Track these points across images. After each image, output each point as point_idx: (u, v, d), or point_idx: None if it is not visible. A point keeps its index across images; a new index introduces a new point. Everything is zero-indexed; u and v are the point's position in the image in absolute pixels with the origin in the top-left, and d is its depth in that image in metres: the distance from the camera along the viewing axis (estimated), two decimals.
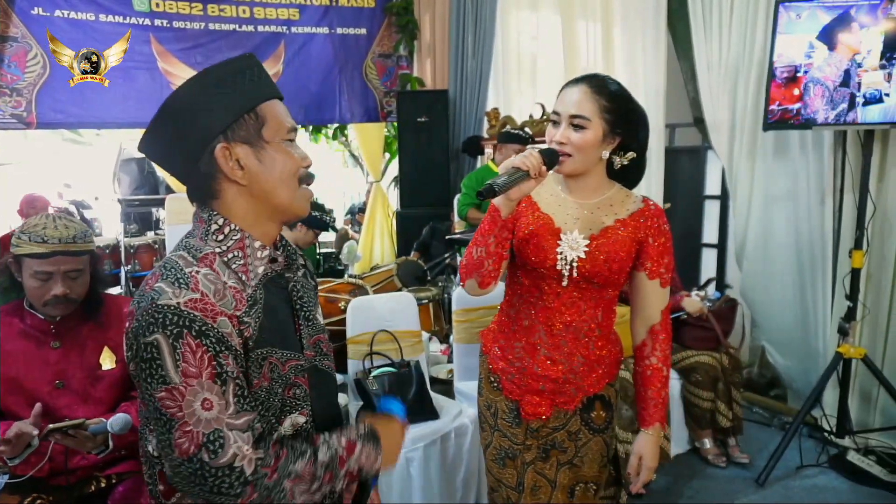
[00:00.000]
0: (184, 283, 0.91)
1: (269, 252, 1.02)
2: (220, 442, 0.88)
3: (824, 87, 2.75)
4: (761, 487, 2.75)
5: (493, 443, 1.54)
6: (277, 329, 1.01)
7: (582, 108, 1.34)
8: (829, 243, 3.19)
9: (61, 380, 1.65)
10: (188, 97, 0.96)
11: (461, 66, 4.93)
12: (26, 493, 1.63)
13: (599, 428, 1.51)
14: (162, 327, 0.88)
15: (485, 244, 1.35)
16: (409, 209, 4.91)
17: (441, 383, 2.96)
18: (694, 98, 3.84)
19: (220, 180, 0.98)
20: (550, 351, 1.45)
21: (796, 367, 3.45)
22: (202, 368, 0.88)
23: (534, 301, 1.46)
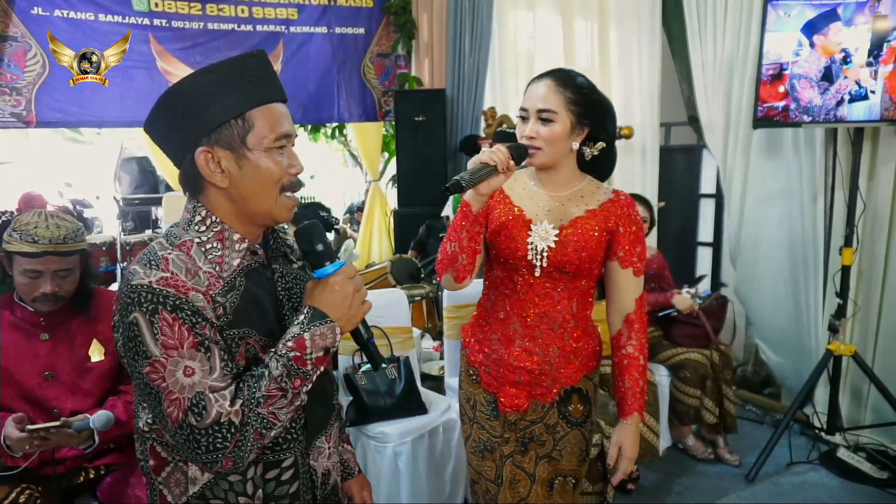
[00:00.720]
0: (154, 264, 0.95)
1: (247, 245, 1.03)
2: (203, 404, 0.91)
3: (811, 84, 2.76)
4: (751, 484, 2.76)
5: (472, 435, 1.56)
6: (258, 316, 1.02)
7: (548, 102, 1.38)
8: (820, 241, 3.20)
9: (51, 371, 1.68)
10: (187, 91, 0.98)
11: (459, 65, 4.95)
12: (15, 484, 1.65)
13: (577, 421, 1.51)
14: (138, 306, 0.91)
15: (458, 239, 1.37)
16: (407, 208, 4.93)
17: (433, 379, 2.98)
18: (688, 97, 3.85)
19: (202, 179, 1.01)
20: (525, 342, 1.47)
21: (789, 365, 3.47)
22: (182, 340, 0.91)
23: (508, 293, 1.48)
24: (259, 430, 0.94)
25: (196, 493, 1.01)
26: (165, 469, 1.03)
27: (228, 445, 0.92)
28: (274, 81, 1.04)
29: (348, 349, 2.46)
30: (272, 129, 0.99)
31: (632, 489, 2.67)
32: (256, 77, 1.00)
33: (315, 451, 1.11)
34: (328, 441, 1.15)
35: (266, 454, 1.03)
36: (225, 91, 0.97)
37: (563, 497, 1.53)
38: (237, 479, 1.02)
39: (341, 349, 2.48)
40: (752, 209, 3.57)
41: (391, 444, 2.21)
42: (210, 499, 1.02)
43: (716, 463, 2.93)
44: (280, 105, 1.03)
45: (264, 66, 1.02)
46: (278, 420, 0.95)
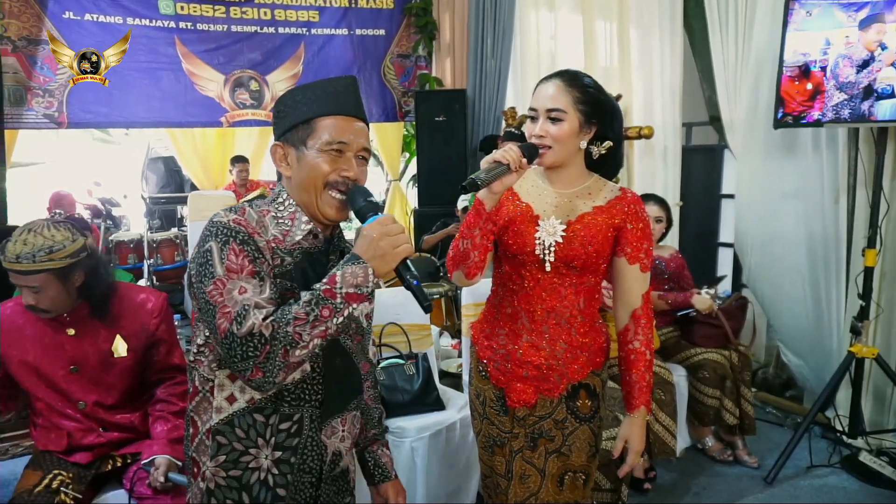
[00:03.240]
0: (234, 210, 1.14)
1: (312, 227, 1.18)
2: (244, 314, 1.03)
3: (837, 84, 2.73)
4: (769, 486, 2.74)
5: (482, 430, 1.58)
6: (303, 285, 1.13)
7: (557, 102, 1.41)
8: (842, 242, 3.16)
9: (76, 365, 1.73)
10: (283, 100, 1.21)
11: (480, 65, 4.97)
12: (48, 469, 1.72)
13: (585, 417, 1.53)
14: (214, 237, 1.08)
15: (470, 236, 1.39)
16: (427, 207, 4.97)
17: (451, 377, 3.00)
18: (710, 97, 3.83)
19: None
20: (533, 337, 1.48)
21: (810, 367, 3.43)
22: (243, 267, 1.07)
23: (516, 288, 1.50)
24: (286, 346, 1.02)
25: (224, 420, 1.15)
26: (196, 398, 1.18)
27: (259, 355, 1.01)
28: (347, 99, 1.19)
29: None
30: (328, 135, 1.15)
31: (648, 489, 2.67)
32: (331, 93, 1.18)
33: (328, 429, 1.22)
34: (343, 424, 1.26)
35: (283, 406, 1.15)
36: (303, 103, 1.17)
37: (574, 493, 1.54)
38: (261, 420, 1.15)
39: None
40: (773, 209, 3.53)
41: (408, 440, 2.24)
42: (236, 427, 1.15)
43: (734, 464, 2.91)
44: (350, 119, 1.17)
45: (344, 85, 1.20)
46: (303, 340, 1.03)
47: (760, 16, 3.41)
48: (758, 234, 3.63)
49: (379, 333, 2.51)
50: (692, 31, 3.88)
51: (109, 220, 5.44)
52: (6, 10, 4.03)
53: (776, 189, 3.50)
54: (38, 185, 6.33)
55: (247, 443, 1.15)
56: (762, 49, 3.40)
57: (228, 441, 1.15)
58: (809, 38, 2.76)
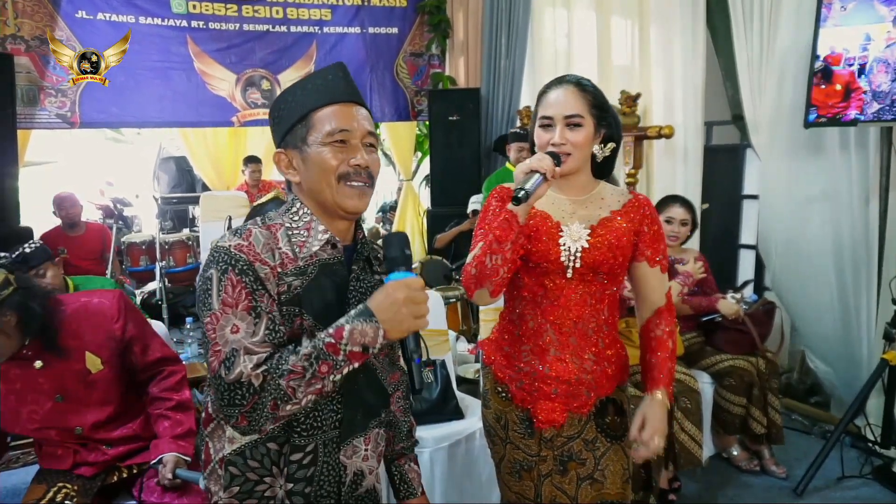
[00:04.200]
0: (239, 233, 1.07)
1: (329, 236, 1.11)
2: (234, 359, 0.98)
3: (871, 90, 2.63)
4: (799, 497, 2.65)
5: (506, 456, 1.49)
6: (320, 305, 1.09)
7: (575, 108, 1.38)
8: (874, 245, 3.06)
9: (59, 393, 1.64)
10: (275, 106, 1.15)
11: (494, 64, 4.91)
12: (53, 482, 1.68)
13: (616, 434, 1.46)
14: (215, 264, 1.03)
15: (501, 251, 1.31)
16: (440, 207, 4.91)
17: (468, 383, 2.93)
18: (733, 95, 3.73)
19: None
20: (560, 350, 1.42)
21: (838, 374, 3.32)
22: (239, 300, 1.01)
23: (538, 301, 1.43)
24: (276, 399, 0.97)
25: (236, 451, 1.10)
26: (210, 424, 1.15)
27: (245, 405, 0.97)
28: (342, 85, 1.12)
29: None
30: (328, 125, 1.09)
31: (673, 500, 2.59)
32: (324, 84, 1.11)
33: (349, 448, 1.14)
34: (366, 444, 1.18)
35: (294, 437, 1.09)
36: (296, 101, 1.11)
37: None
38: (275, 449, 1.09)
39: None
40: (798, 210, 3.43)
41: (428, 449, 2.17)
42: (248, 458, 1.10)
43: (761, 475, 2.82)
44: (348, 105, 1.11)
45: (334, 72, 1.13)
46: (296, 397, 0.98)
47: (787, 12, 3.31)
48: (782, 235, 3.53)
49: None
50: (715, 29, 3.78)
51: (121, 221, 5.42)
52: (19, 9, 4.01)
53: (802, 190, 3.40)
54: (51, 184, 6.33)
55: (261, 472, 1.10)
56: (788, 46, 3.30)
57: (241, 472, 1.10)
58: (846, 33, 2.66)
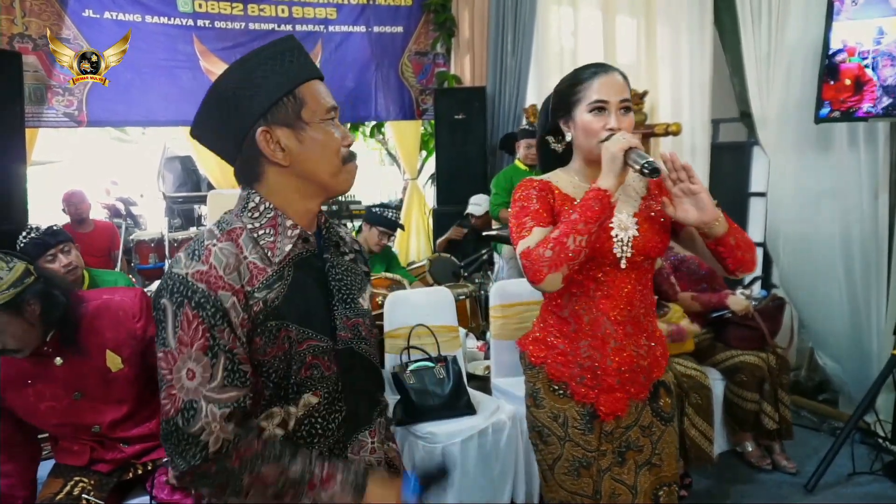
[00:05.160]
0: (198, 255, 0.97)
1: (300, 231, 1.04)
2: (194, 412, 0.92)
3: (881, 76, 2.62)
4: (810, 494, 2.64)
5: (563, 455, 1.45)
6: (302, 307, 1.02)
7: (627, 92, 1.40)
8: (883, 241, 3.05)
9: (78, 391, 1.63)
10: (231, 83, 1.00)
11: (500, 62, 4.90)
12: (69, 477, 1.68)
13: (669, 416, 1.48)
14: (169, 294, 0.95)
15: (587, 232, 1.28)
16: (446, 206, 4.91)
17: (478, 379, 2.93)
18: (740, 92, 3.73)
19: (262, 162, 1.02)
20: (620, 340, 1.42)
21: (847, 371, 3.32)
22: (195, 339, 0.93)
23: (591, 294, 1.42)
24: (225, 482, 0.93)
25: None
26: None
27: (197, 462, 0.92)
28: (309, 61, 1.06)
29: (396, 348, 2.44)
30: (321, 103, 1.02)
31: (684, 496, 2.59)
32: (295, 56, 1.02)
33: (355, 444, 1.11)
34: (372, 436, 1.14)
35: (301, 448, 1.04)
36: (271, 73, 0.99)
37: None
38: None
39: (389, 348, 2.46)
40: (806, 207, 3.42)
41: (440, 445, 2.17)
42: None
43: (772, 471, 2.81)
44: (320, 82, 1.05)
45: (298, 47, 1.04)
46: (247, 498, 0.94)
47: (795, 7, 3.30)
48: (791, 232, 3.52)
49: (407, 335, 2.45)
50: (722, 25, 3.78)
51: (130, 219, 5.42)
52: (27, 8, 4.01)
53: (810, 186, 3.39)
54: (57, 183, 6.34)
55: None
56: (797, 41, 3.30)
57: None
58: (859, 27, 2.65)
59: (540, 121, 1.57)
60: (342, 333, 1.09)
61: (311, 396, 1.04)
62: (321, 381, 1.04)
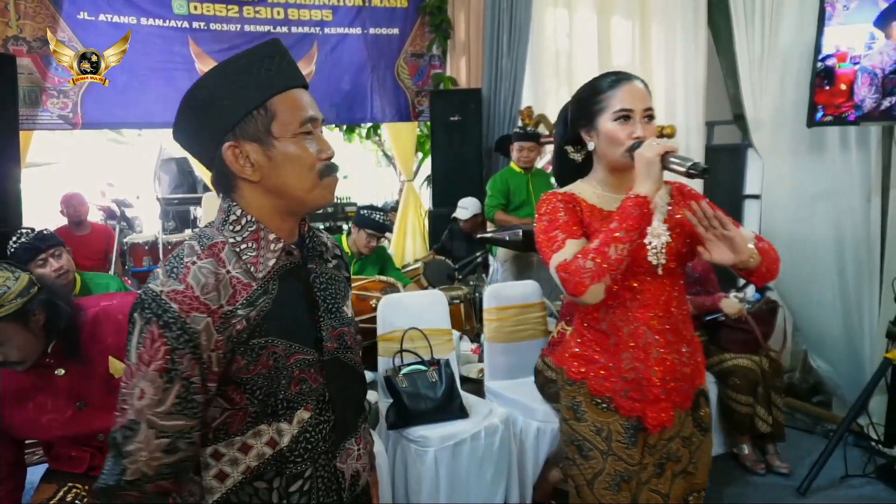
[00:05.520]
0: (175, 273, 0.93)
1: (283, 244, 1.01)
2: (131, 432, 0.91)
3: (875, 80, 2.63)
4: (803, 496, 2.65)
5: (605, 469, 1.42)
6: (288, 321, 1.00)
7: (649, 101, 1.39)
8: (875, 243, 3.06)
9: (81, 401, 1.61)
10: (205, 91, 0.96)
11: (496, 64, 4.91)
12: (63, 482, 1.67)
13: (707, 426, 1.48)
14: (141, 309, 0.92)
15: (629, 240, 1.27)
16: (442, 208, 4.91)
17: (471, 382, 2.93)
18: (734, 95, 3.74)
19: (233, 176, 0.99)
20: (661, 348, 1.39)
21: (841, 373, 3.32)
22: (154, 359, 0.91)
23: (628, 305, 1.40)
24: None
25: (219, 500, 0.99)
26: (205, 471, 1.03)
27: (111, 482, 0.92)
28: (291, 68, 1.00)
29: (389, 351, 2.44)
30: (295, 115, 0.97)
31: None
32: (273, 65, 0.97)
33: (343, 453, 1.08)
34: (358, 443, 1.12)
35: (288, 467, 1.00)
36: (242, 83, 0.95)
37: None
38: (263, 487, 1.00)
39: (382, 351, 2.46)
40: (800, 209, 3.44)
41: (432, 449, 2.17)
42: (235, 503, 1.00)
43: (765, 474, 2.82)
44: (301, 91, 1.00)
45: (280, 53, 0.99)
46: None
47: (788, 11, 3.31)
48: (785, 235, 3.53)
49: (400, 339, 2.45)
50: (716, 28, 3.79)
51: (124, 222, 5.42)
52: (21, 10, 4.01)
53: (804, 189, 3.40)
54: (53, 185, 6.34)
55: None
56: (790, 44, 3.31)
57: None
58: (850, 32, 2.66)
59: (557, 131, 1.55)
60: (328, 344, 1.06)
61: (303, 412, 1.02)
62: (310, 394, 1.02)
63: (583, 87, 1.45)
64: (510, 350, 2.72)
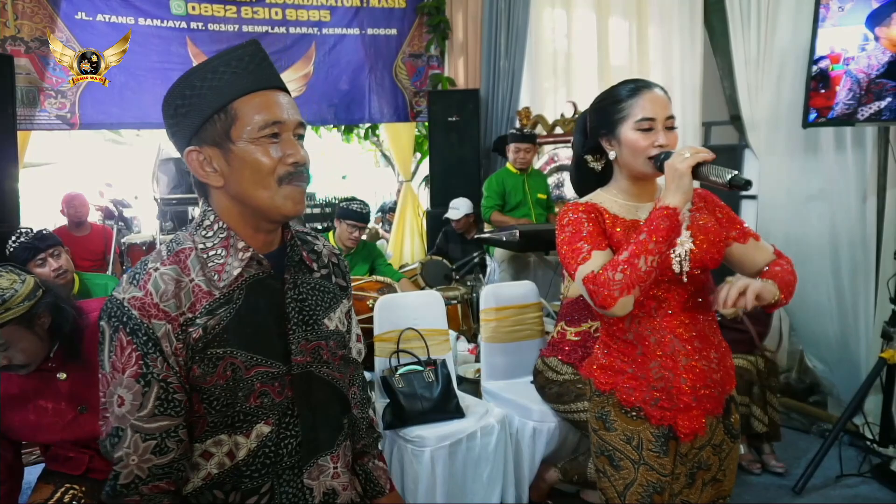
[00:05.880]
0: (137, 279, 0.94)
1: (251, 253, 0.98)
2: (118, 439, 0.93)
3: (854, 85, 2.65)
4: (798, 496, 2.66)
5: (637, 480, 1.40)
6: (250, 332, 0.97)
7: (671, 109, 1.37)
8: (871, 244, 3.07)
9: (82, 405, 1.60)
10: (177, 93, 0.95)
11: (493, 64, 4.92)
12: (60, 483, 1.67)
13: (737, 433, 1.47)
14: (108, 318, 0.93)
15: (658, 251, 1.26)
16: (440, 208, 4.92)
17: (468, 382, 2.95)
18: (730, 95, 3.75)
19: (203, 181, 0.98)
20: (689, 357, 1.37)
21: (836, 373, 3.33)
22: (127, 365, 0.92)
23: (653, 314, 1.39)
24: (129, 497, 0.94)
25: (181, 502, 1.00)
26: None
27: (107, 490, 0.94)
28: (262, 69, 0.96)
29: (386, 351, 2.45)
30: (260, 117, 0.92)
31: None
32: (241, 67, 0.94)
33: (314, 469, 1.05)
34: (334, 461, 1.09)
35: (244, 481, 0.99)
36: (208, 86, 0.93)
37: None
38: (221, 497, 0.99)
39: (379, 351, 2.46)
40: (796, 210, 3.44)
41: (429, 448, 2.18)
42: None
43: (761, 474, 2.83)
44: (272, 92, 0.96)
45: (251, 54, 0.95)
46: None
47: (784, 12, 3.32)
48: (780, 235, 3.54)
49: (397, 339, 2.46)
50: (712, 29, 3.80)
51: (122, 222, 5.42)
52: (19, 11, 4.01)
53: (800, 189, 3.41)
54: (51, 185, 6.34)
55: None
56: (786, 45, 3.32)
57: None
58: (844, 33, 2.67)
59: (576, 140, 1.53)
60: (298, 358, 1.02)
61: (263, 426, 0.99)
62: (272, 408, 0.99)
63: (602, 96, 1.43)
64: (507, 350, 2.73)
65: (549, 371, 2.41)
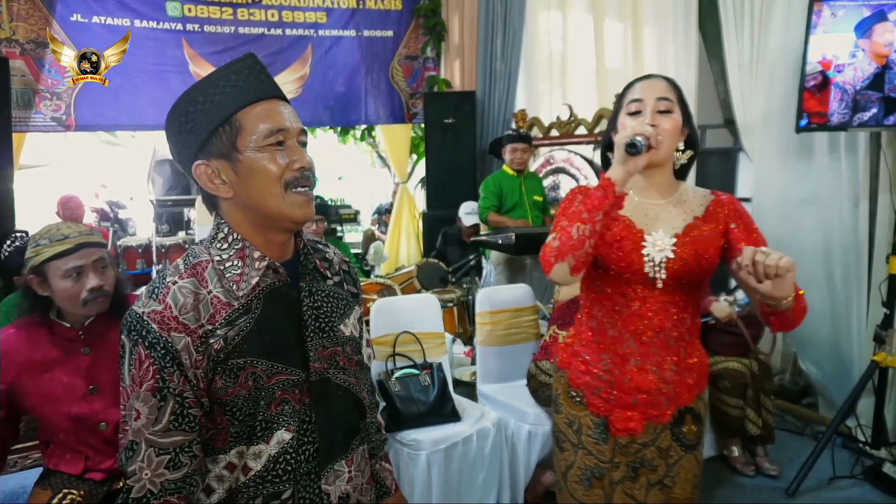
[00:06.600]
0: (156, 293, 0.95)
1: (268, 262, 1.00)
2: (132, 452, 0.94)
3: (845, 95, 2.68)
4: (791, 498, 2.68)
5: (576, 462, 1.43)
6: (269, 340, 0.99)
7: (666, 92, 1.34)
8: (863, 248, 3.10)
9: (94, 385, 1.65)
10: (180, 109, 0.97)
11: (489, 67, 4.94)
12: (58, 488, 1.67)
13: (691, 444, 1.42)
14: (128, 331, 0.95)
15: (591, 221, 1.25)
16: (436, 210, 4.93)
17: (464, 385, 2.95)
18: (724, 99, 3.78)
19: (213, 195, 1.00)
20: (641, 360, 1.36)
21: (829, 376, 3.36)
22: (145, 379, 0.93)
23: (619, 309, 1.38)
24: None
25: None
26: None
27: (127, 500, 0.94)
28: (262, 80, 0.99)
29: (382, 355, 2.46)
30: (265, 126, 0.95)
31: None
32: (241, 79, 0.97)
33: (331, 475, 1.06)
34: (349, 465, 1.10)
35: (266, 487, 1.00)
36: (211, 100, 0.95)
37: None
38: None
39: (375, 354, 2.47)
40: (789, 213, 3.47)
41: (424, 452, 2.19)
42: None
43: (754, 476, 2.85)
44: (273, 102, 0.98)
45: (249, 66, 0.98)
46: None
47: (777, 17, 3.35)
48: (774, 238, 3.55)
49: (393, 342, 2.47)
50: (706, 33, 3.82)
51: (117, 224, 5.40)
52: (14, 12, 4.01)
53: (793, 193, 3.44)
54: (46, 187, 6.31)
55: None
56: (779, 49, 3.34)
57: None
58: (836, 40, 2.69)
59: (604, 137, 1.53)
60: (316, 364, 1.04)
61: (284, 433, 1.00)
62: (293, 415, 1.01)
63: None
64: (502, 353, 2.74)
65: (542, 375, 2.43)
